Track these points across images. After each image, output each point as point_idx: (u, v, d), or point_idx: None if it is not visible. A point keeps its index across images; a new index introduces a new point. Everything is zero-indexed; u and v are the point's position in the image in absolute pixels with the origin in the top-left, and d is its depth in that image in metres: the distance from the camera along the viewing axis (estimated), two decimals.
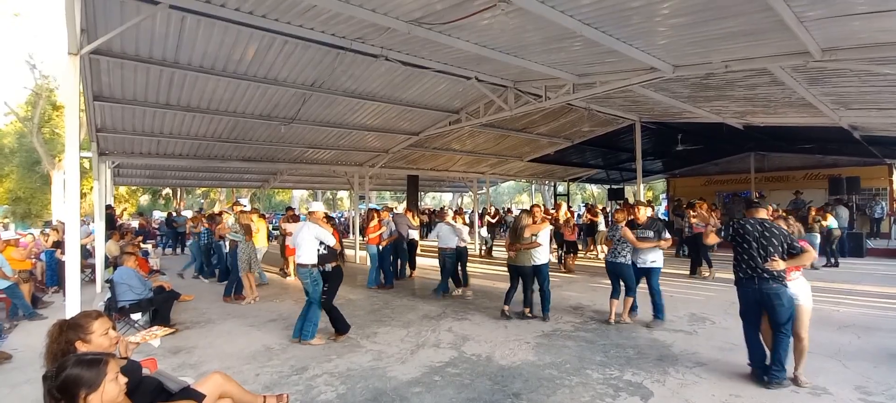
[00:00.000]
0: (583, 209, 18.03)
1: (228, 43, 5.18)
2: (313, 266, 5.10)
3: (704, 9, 3.93)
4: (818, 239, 9.44)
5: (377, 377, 4.04)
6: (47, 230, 9.32)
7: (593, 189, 36.63)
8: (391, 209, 10.12)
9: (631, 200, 19.92)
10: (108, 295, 5.86)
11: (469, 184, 16.66)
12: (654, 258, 5.66)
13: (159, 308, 5.68)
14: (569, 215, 10.80)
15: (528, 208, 6.23)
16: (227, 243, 8.24)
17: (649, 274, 5.64)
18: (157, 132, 8.05)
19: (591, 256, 12.58)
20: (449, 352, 4.68)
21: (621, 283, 5.69)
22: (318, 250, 5.14)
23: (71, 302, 3.87)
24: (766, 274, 3.65)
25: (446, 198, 35.09)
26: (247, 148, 9.57)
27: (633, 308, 5.74)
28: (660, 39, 4.81)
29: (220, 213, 10.67)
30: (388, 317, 6.16)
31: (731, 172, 17.35)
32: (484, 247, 13.83)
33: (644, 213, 5.80)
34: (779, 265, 3.58)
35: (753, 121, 9.01)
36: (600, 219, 12.86)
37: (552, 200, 22.14)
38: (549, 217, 8.96)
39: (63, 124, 20.94)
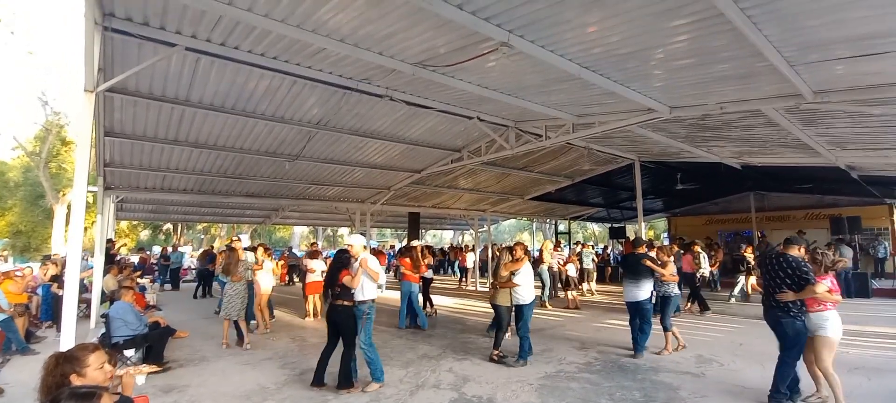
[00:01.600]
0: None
1: (240, 82, 5.35)
2: (371, 301, 4.74)
3: (698, 53, 4.10)
4: None
5: None
6: (47, 263, 9.26)
7: (595, 227, 36.59)
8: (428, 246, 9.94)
9: (631, 237, 19.89)
10: (103, 330, 5.77)
11: (470, 221, 16.67)
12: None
13: (154, 344, 5.57)
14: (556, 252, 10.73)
15: (511, 245, 6.01)
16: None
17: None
18: (164, 167, 8.17)
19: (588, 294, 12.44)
20: (449, 394, 4.55)
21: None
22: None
23: (66, 337, 3.81)
24: (773, 303, 4.02)
25: (447, 236, 34.99)
26: (251, 183, 9.67)
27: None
28: (656, 82, 4.97)
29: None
30: (387, 356, 6.01)
31: (732, 211, 17.37)
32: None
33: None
34: (785, 296, 3.90)
35: (751, 161, 9.14)
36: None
37: (553, 238, 22.06)
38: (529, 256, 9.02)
39: (70, 159, 21.31)
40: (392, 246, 25.54)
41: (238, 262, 6.82)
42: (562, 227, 22.98)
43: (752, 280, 9.76)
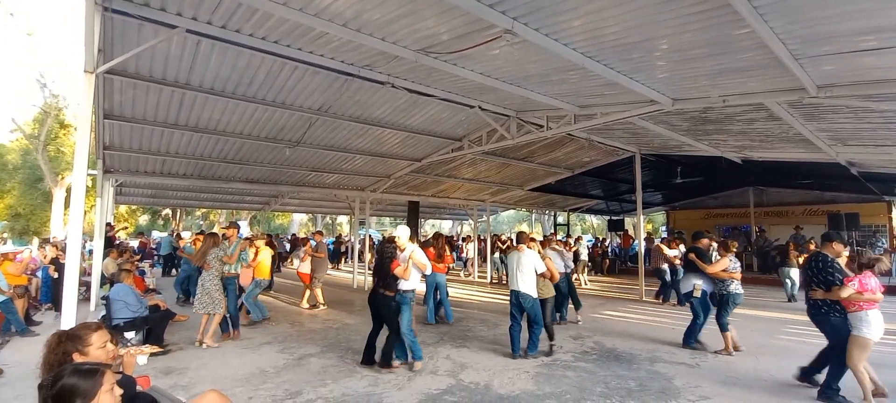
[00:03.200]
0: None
1: (241, 66, 5.32)
2: (412, 290, 5.12)
3: (703, 45, 4.07)
4: (796, 272, 9.39)
5: None
6: (47, 247, 9.26)
7: (593, 220, 36.66)
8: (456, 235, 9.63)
9: (631, 231, 19.97)
10: (103, 313, 5.80)
11: (469, 211, 16.69)
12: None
13: (154, 327, 5.61)
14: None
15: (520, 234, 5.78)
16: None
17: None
18: (163, 151, 8.14)
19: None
20: (447, 380, 4.59)
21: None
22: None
23: (67, 319, 3.83)
24: (809, 301, 4.33)
25: (446, 226, 35.06)
26: (251, 169, 9.65)
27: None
28: (659, 73, 4.95)
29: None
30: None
31: (731, 206, 17.41)
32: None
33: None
34: (816, 294, 4.15)
35: (752, 155, 9.14)
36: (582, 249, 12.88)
37: (552, 230, 22.11)
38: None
39: (69, 142, 21.21)
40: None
41: (206, 251, 6.13)
42: (561, 219, 23.02)
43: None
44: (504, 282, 12.81)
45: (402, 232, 5.10)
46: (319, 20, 3.96)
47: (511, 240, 13.43)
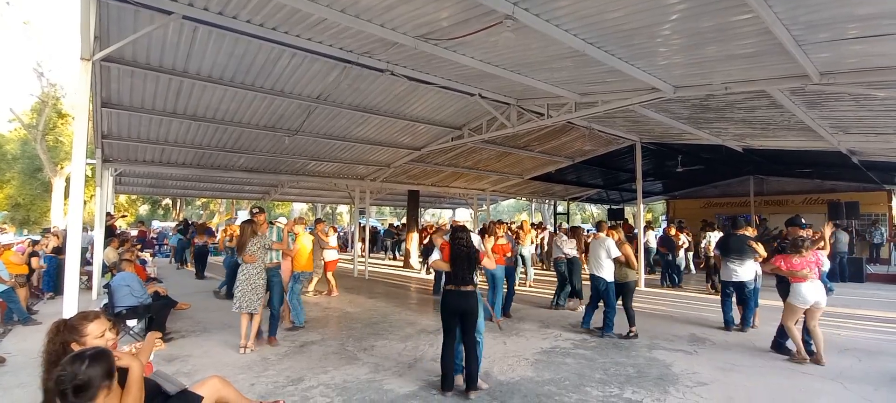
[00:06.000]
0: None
1: (238, 54, 5.27)
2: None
3: (705, 31, 4.03)
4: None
5: (374, 390, 3.99)
6: (47, 236, 9.28)
7: (593, 209, 36.66)
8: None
9: (631, 220, 20.00)
10: (105, 301, 5.82)
11: (469, 200, 16.70)
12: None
13: (156, 315, 5.63)
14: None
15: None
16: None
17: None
18: (162, 140, 8.11)
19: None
20: None
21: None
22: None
23: (68, 307, 3.85)
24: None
25: (446, 215, 35.09)
26: (250, 158, 9.63)
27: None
28: (661, 60, 4.90)
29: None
30: (386, 331, 6.10)
31: (731, 195, 17.40)
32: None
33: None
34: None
35: (752, 143, 9.11)
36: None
37: (552, 219, 22.14)
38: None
39: (67, 132, 21.11)
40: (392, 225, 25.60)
41: (248, 240, 5.20)
42: (561, 208, 23.03)
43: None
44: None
45: (467, 217, 4.66)
46: (317, 6, 3.92)
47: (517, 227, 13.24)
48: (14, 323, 6.38)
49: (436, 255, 4.17)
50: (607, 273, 5.84)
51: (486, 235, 4.83)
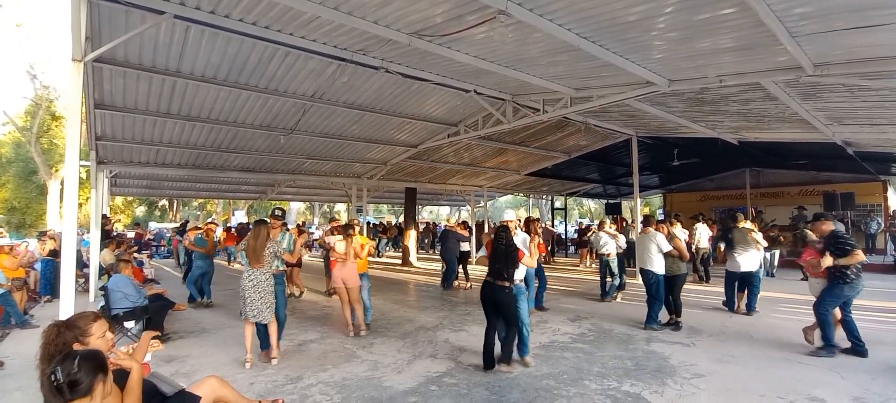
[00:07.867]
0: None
1: (231, 53, 5.24)
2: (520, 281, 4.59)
3: (699, 24, 4.03)
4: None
5: (373, 387, 4.00)
6: (44, 238, 9.23)
7: (591, 204, 36.75)
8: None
9: (627, 215, 20.05)
10: (101, 304, 5.80)
11: (467, 197, 16.69)
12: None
13: (153, 316, 5.62)
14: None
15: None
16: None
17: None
18: (157, 141, 8.07)
19: (585, 268, 12.70)
20: (446, 363, 4.65)
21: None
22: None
23: (65, 309, 3.84)
24: None
25: (444, 212, 35.10)
26: (246, 158, 9.60)
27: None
28: (656, 54, 4.90)
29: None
30: (385, 328, 6.11)
31: (727, 188, 17.47)
32: None
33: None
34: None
35: (748, 136, 9.14)
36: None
37: (549, 214, 22.17)
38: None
39: (61, 134, 20.96)
40: (389, 222, 25.60)
41: (265, 243, 4.69)
42: (558, 203, 23.06)
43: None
44: None
45: (514, 216, 4.89)
46: (310, 3, 3.90)
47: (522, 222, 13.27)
48: (11, 327, 6.35)
49: (482, 252, 4.85)
50: (658, 267, 5.82)
51: (532, 234, 5.26)
